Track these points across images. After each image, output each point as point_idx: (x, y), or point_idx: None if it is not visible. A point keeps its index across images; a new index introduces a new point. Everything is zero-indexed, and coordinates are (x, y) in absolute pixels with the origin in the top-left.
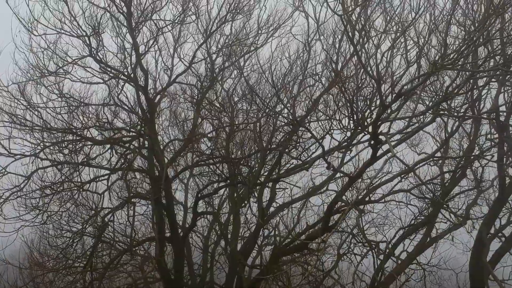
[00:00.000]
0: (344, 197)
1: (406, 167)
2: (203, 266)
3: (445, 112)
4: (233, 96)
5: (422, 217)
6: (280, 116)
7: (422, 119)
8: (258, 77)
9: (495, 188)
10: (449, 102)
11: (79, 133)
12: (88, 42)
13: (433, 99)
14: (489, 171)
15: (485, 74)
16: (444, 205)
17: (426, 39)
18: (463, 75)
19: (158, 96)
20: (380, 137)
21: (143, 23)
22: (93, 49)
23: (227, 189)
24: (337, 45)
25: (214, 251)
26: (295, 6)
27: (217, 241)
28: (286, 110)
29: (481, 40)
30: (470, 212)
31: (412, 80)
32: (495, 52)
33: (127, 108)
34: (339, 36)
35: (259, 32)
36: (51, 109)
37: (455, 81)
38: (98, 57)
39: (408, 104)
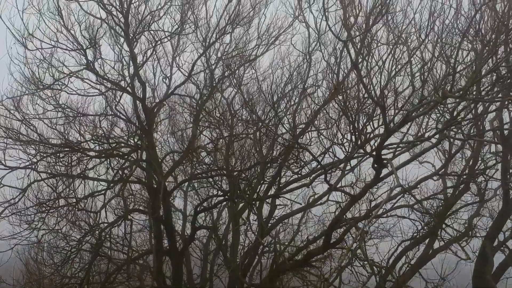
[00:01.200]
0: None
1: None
2: (202, 276)
3: (451, 136)
4: (233, 104)
5: (425, 231)
6: (279, 130)
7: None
8: (259, 85)
9: (498, 200)
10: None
11: (75, 147)
12: (84, 54)
13: (439, 120)
14: (493, 185)
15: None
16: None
17: (433, 62)
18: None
19: (156, 108)
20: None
21: (141, 33)
22: (90, 62)
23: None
24: (338, 55)
25: (213, 262)
26: (295, 15)
27: (217, 251)
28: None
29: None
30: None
31: (418, 107)
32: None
33: (124, 119)
34: (340, 48)
35: (259, 40)
36: (47, 119)
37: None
38: (95, 70)
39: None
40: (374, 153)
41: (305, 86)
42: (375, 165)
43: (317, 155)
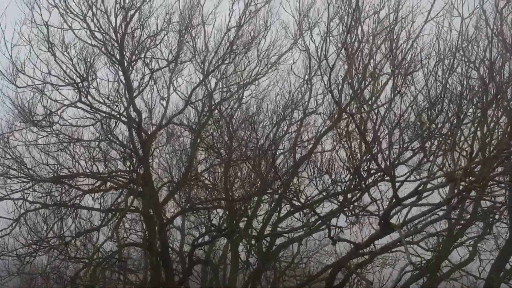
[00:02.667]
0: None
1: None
2: None
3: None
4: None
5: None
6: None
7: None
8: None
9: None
10: None
11: (67, 181)
12: (77, 89)
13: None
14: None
15: None
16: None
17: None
18: None
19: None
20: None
21: (136, 60)
22: (83, 94)
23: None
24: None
25: None
26: (294, 39)
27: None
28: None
29: None
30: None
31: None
32: None
33: (120, 148)
34: (342, 74)
35: (259, 64)
36: (40, 146)
37: None
38: (88, 102)
39: None
40: (381, 215)
41: (306, 112)
42: (382, 226)
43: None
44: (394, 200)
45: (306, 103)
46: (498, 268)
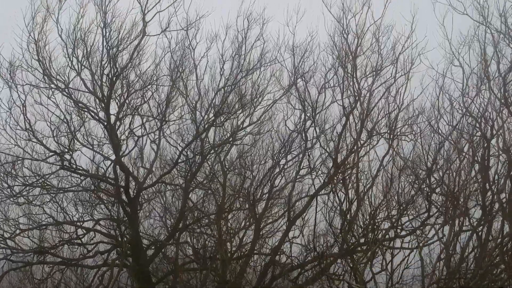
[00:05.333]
0: None
1: None
2: None
3: None
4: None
5: None
6: None
7: None
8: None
9: None
10: None
11: (51, 251)
12: (61, 159)
13: None
14: None
15: None
16: None
17: None
18: None
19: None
20: None
21: (124, 117)
22: (65, 162)
23: None
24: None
25: None
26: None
27: None
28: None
29: None
30: None
31: None
32: None
33: (107, 215)
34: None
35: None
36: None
37: None
38: (72, 168)
39: None
40: None
41: (300, 168)
42: None
43: None
44: None
45: (299, 163)
46: None
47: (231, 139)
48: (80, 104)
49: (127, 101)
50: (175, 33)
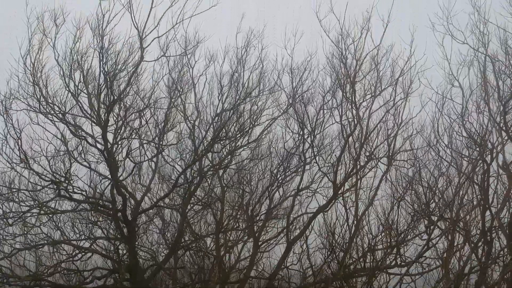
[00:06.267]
0: None
1: None
2: None
3: None
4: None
5: None
6: None
7: None
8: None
9: None
10: None
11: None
12: (57, 187)
13: None
14: None
15: None
16: None
17: None
18: None
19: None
20: None
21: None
22: (62, 189)
23: None
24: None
25: None
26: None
27: None
28: None
29: None
30: None
31: None
32: None
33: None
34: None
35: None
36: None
37: None
38: (68, 196)
39: None
40: None
41: (299, 188)
42: None
43: None
44: None
45: (299, 178)
46: None
47: (229, 157)
48: (78, 132)
49: (125, 124)
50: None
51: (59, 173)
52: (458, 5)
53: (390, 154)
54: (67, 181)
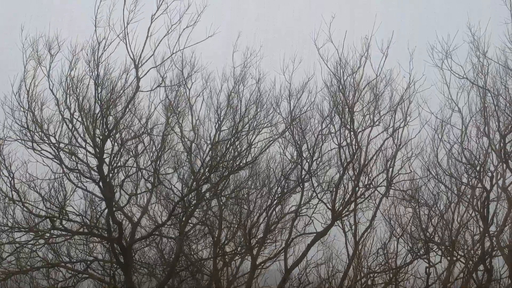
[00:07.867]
0: None
1: None
2: None
3: None
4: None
5: None
6: None
7: None
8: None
9: None
10: None
11: None
12: (51, 221)
13: None
14: None
15: None
16: None
17: None
18: None
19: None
20: None
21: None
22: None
23: None
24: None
25: None
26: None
27: None
28: None
29: None
30: None
31: None
32: None
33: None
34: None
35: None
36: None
37: None
38: (62, 226)
39: None
40: None
41: (299, 211)
42: None
43: None
44: None
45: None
46: None
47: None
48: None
49: (121, 150)
50: (170, 73)
51: (53, 203)
52: (458, 37)
53: (389, 180)
54: (61, 216)
